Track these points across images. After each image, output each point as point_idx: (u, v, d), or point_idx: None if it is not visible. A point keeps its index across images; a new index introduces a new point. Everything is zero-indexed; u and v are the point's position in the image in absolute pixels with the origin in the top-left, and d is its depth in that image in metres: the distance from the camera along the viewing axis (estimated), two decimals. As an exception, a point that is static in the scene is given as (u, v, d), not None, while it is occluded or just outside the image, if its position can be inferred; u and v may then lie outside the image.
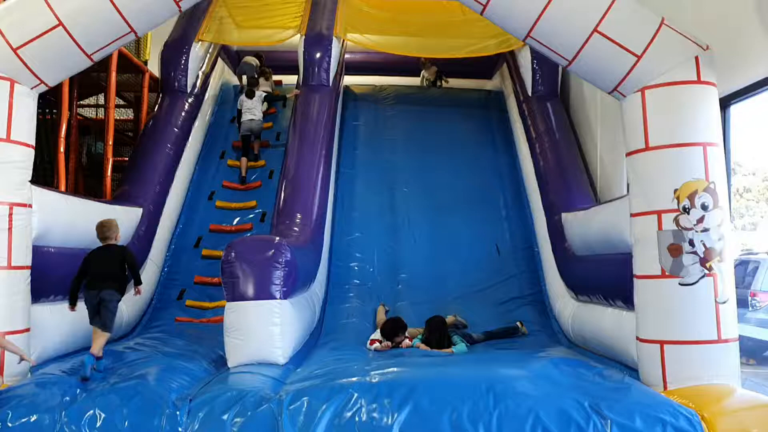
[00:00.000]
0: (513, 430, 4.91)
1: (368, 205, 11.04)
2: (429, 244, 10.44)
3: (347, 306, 9.44)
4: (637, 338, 6.02)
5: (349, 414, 5.01)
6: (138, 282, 6.79)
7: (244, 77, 12.95)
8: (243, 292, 6.45)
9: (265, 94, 11.97)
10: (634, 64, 5.86)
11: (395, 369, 5.93)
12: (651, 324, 5.86)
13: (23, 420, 4.93)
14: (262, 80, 12.90)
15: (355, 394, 5.15)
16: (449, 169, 11.57)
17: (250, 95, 11.63)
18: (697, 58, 5.83)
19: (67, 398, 5.12)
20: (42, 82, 6.17)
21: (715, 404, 5.17)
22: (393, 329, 7.77)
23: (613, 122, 9.28)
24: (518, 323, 8.70)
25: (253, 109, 11.56)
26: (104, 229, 6.69)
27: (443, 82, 14.59)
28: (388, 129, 12.61)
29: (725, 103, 7.02)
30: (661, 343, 5.74)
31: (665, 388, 5.66)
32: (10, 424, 4.91)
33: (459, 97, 13.89)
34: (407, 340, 7.72)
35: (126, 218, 8.68)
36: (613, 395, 5.26)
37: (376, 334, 7.83)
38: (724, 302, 5.66)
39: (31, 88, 6.15)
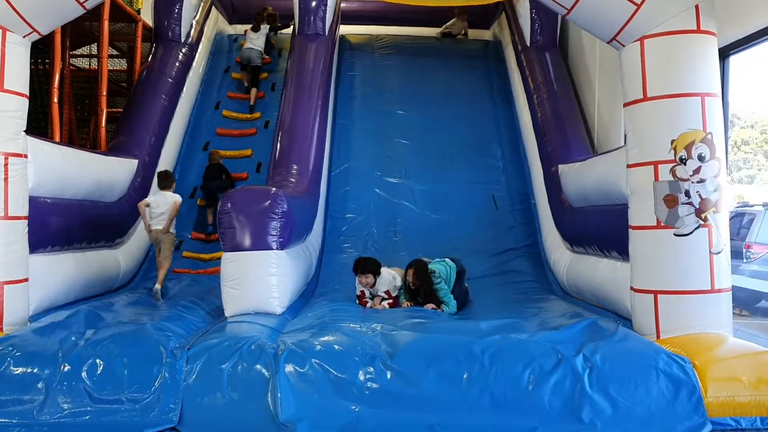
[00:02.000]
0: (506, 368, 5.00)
1: (365, 156, 11.01)
2: (426, 195, 10.45)
3: (344, 257, 9.48)
4: (632, 288, 6.08)
5: (340, 366, 5.03)
6: (233, 187, 9.74)
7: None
8: (240, 243, 6.47)
9: (270, 26, 12.35)
10: (634, 13, 5.77)
11: (392, 326, 5.99)
12: (645, 274, 5.90)
13: (22, 369, 4.97)
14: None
15: (348, 348, 5.20)
16: (447, 121, 11.50)
17: (256, 29, 12.11)
18: (697, 6, 5.74)
19: (67, 347, 5.15)
20: (34, 30, 6.07)
21: (706, 352, 5.25)
22: (355, 266, 7.42)
23: (612, 73, 9.20)
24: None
25: (254, 40, 11.99)
26: (214, 155, 10.24)
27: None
28: (385, 79, 12.48)
29: (724, 53, 6.97)
30: (655, 293, 5.79)
31: (658, 337, 5.73)
32: (9, 373, 4.95)
33: (456, 47, 13.73)
34: (385, 304, 7.28)
35: (122, 170, 8.66)
36: (608, 344, 5.32)
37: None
38: (719, 253, 5.70)
39: (23, 37, 6.05)
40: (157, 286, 7.61)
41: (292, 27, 11.91)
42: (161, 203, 7.80)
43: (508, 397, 4.89)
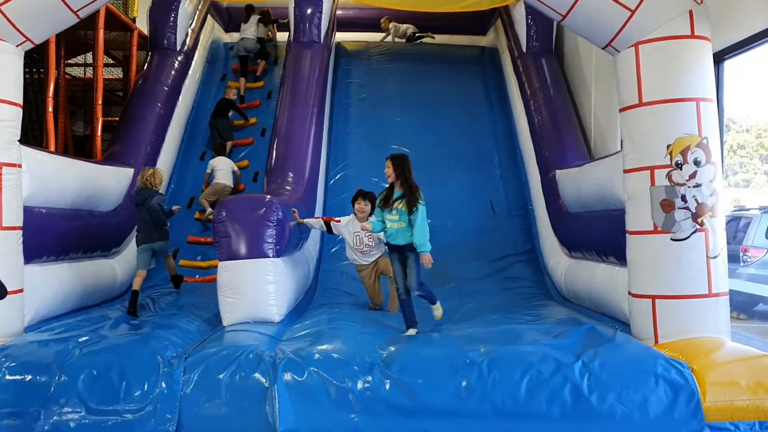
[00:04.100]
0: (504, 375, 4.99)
1: (362, 163, 10.98)
2: (423, 202, 10.42)
3: (341, 264, 9.45)
4: (629, 293, 6.06)
5: (338, 375, 5.01)
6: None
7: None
8: (235, 251, 6.44)
9: (259, 17, 12.66)
10: (628, 19, 5.78)
11: (390, 334, 5.97)
12: (643, 279, 5.89)
13: (19, 378, 4.95)
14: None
15: (346, 356, 5.18)
16: (443, 127, 11.51)
17: (246, 20, 12.39)
18: (691, 12, 5.75)
19: (63, 357, 5.12)
20: (28, 39, 6.05)
21: (704, 357, 5.23)
22: (357, 194, 7.60)
23: (608, 78, 9.22)
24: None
25: (246, 30, 12.27)
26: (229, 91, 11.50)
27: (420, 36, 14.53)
28: (381, 86, 12.49)
29: (719, 58, 6.97)
30: (653, 297, 5.78)
31: (656, 341, 5.72)
32: (5, 383, 4.93)
33: (453, 53, 13.75)
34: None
35: (117, 179, 8.64)
36: (606, 349, 5.31)
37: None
38: (715, 257, 5.69)
39: (17, 46, 6.03)
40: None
41: (287, 31, 11.96)
42: (222, 165, 10.04)
43: (507, 404, 4.88)
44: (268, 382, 4.92)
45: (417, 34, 14.42)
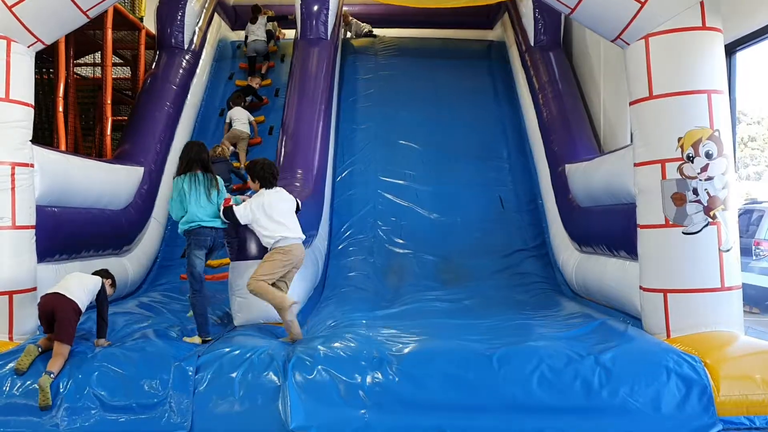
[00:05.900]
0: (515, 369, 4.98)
1: (369, 159, 10.98)
2: (432, 197, 10.42)
3: (350, 260, 9.48)
4: (641, 287, 6.04)
5: (348, 372, 5.03)
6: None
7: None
8: (247, 251, 6.45)
9: (267, 17, 12.74)
10: (638, 11, 5.75)
11: (400, 329, 5.96)
12: (655, 273, 5.87)
13: (34, 377, 4.97)
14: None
15: (355, 353, 5.19)
16: (451, 122, 11.48)
17: (254, 21, 12.49)
18: (702, 3, 5.71)
19: (78, 354, 5.16)
20: (38, 40, 6.09)
21: (717, 351, 5.22)
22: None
23: (617, 71, 9.18)
24: None
25: (256, 31, 12.38)
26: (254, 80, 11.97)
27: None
28: (388, 82, 12.46)
29: (731, 49, 6.93)
30: (665, 291, 5.76)
31: (668, 336, 5.70)
32: (20, 381, 4.96)
33: (460, 48, 13.71)
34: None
35: (128, 177, 8.66)
36: (618, 344, 5.30)
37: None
38: (728, 250, 5.67)
39: (28, 47, 6.06)
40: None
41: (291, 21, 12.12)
42: (240, 115, 10.51)
43: (517, 398, 4.88)
44: (279, 381, 4.94)
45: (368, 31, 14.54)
